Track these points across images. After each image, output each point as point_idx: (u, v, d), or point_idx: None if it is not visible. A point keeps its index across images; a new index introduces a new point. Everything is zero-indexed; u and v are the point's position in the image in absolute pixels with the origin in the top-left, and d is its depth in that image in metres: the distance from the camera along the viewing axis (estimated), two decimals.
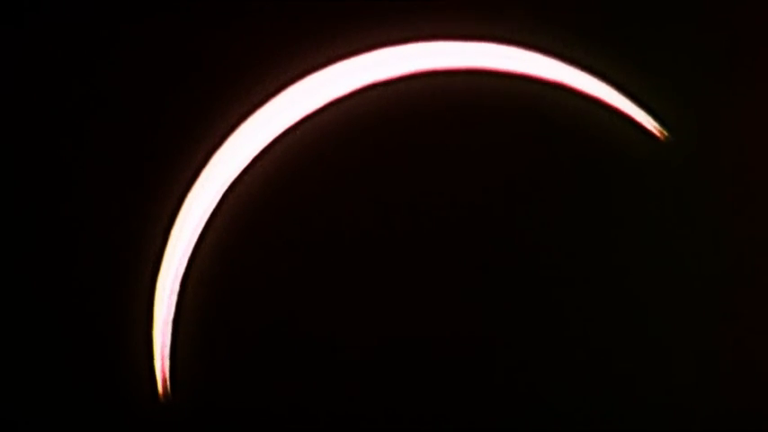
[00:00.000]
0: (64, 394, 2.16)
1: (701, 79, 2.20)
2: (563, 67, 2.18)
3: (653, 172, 2.20)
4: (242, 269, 2.18)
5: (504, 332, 2.19)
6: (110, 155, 2.19)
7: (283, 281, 2.18)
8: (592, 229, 2.20)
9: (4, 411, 2.16)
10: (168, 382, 2.14)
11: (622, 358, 2.19)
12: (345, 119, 2.17)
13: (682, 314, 2.19)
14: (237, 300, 2.18)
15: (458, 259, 2.20)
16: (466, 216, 2.20)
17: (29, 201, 2.19)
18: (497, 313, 2.19)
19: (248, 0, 2.20)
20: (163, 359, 2.13)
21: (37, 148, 2.21)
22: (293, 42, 2.18)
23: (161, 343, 2.13)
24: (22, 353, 2.17)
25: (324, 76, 2.17)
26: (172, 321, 2.14)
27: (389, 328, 2.18)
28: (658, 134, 2.18)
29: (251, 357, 2.18)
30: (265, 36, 2.19)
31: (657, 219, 2.20)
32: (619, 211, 2.20)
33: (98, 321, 2.16)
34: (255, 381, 2.17)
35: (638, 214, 2.20)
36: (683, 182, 2.20)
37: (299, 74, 2.17)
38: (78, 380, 2.16)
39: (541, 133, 2.20)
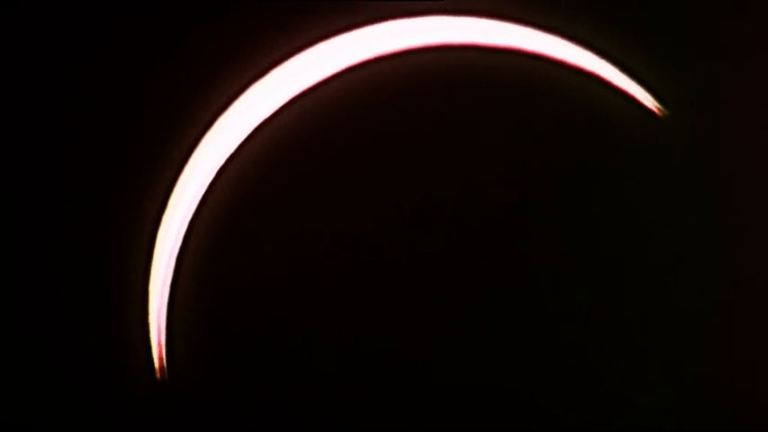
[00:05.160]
0: (60, 374, 2.16)
1: (699, 56, 2.19)
2: (561, 43, 2.16)
3: (651, 149, 2.19)
4: (238, 250, 2.18)
5: (502, 325, 2.19)
6: (100, 143, 2.18)
7: (279, 265, 2.18)
8: (588, 207, 2.20)
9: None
10: (165, 362, 2.13)
11: (622, 344, 2.20)
12: (336, 100, 2.17)
13: (680, 294, 2.19)
14: (234, 279, 2.18)
15: (455, 248, 2.19)
16: (460, 196, 2.20)
17: (23, 186, 2.19)
18: (496, 304, 2.19)
19: None
20: (159, 338, 2.13)
21: (23, 140, 2.20)
22: (279, 22, 2.16)
23: (157, 322, 2.13)
24: (18, 336, 2.17)
25: (310, 55, 2.15)
26: (168, 301, 2.14)
27: (383, 321, 2.19)
28: (657, 111, 2.18)
29: (247, 338, 2.18)
30: (247, 19, 2.17)
31: (655, 196, 2.20)
32: (617, 188, 2.20)
33: (94, 302, 2.16)
34: (252, 360, 2.17)
35: (637, 192, 2.20)
36: (681, 159, 2.20)
37: (286, 54, 2.15)
38: (75, 361, 2.16)
39: (539, 110, 2.19)
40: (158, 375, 2.14)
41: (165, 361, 2.14)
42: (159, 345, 2.13)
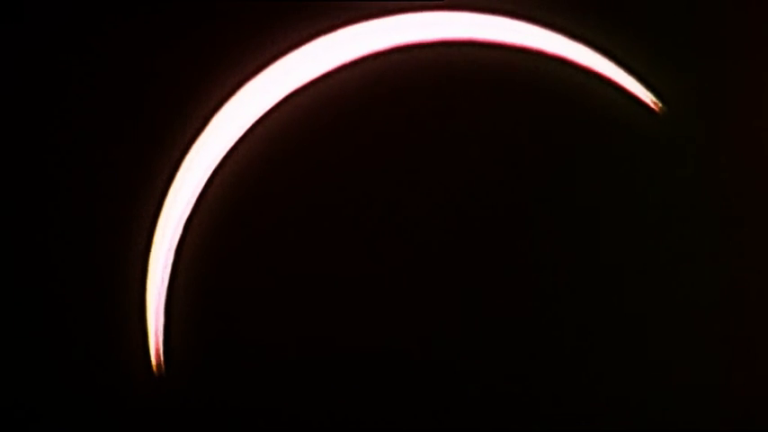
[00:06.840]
0: (57, 371, 2.17)
1: (699, 53, 2.18)
2: (559, 39, 2.16)
3: (650, 146, 2.18)
4: (234, 248, 2.18)
5: (500, 324, 2.19)
6: (96, 142, 2.19)
7: (276, 263, 2.18)
8: (587, 204, 2.19)
9: None
10: (162, 357, 2.14)
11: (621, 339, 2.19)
12: (332, 98, 2.17)
13: (679, 292, 2.18)
14: (231, 277, 2.18)
15: (453, 246, 2.19)
16: (457, 193, 2.19)
17: (19, 186, 2.20)
18: (495, 303, 2.19)
19: None
20: (156, 335, 2.13)
21: (20, 139, 2.21)
22: (275, 20, 2.17)
23: (155, 319, 2.13)
24: (15, 335, 2.18)
25: (305, 53, 2.15)
26: (165, 298, 2.14)
27: (382, 319, 2.18)
28: (656, 108, 2.17)
29: (244, 335, 2.18)
30: (245, 16, 2.17)
31: (654, 193, 2.19)
32: (615, 185, 2.19)
33: (91, 299, 2.16)
34: (248, 358, 2.18)
35: (634, 187, 2.19)
36: (679, 155, 2.19)
37: (280, 52, 2.15)
38: (72, 357, 2.17)
39: (537, 106, 2.18)
40: (155, 372, 2.14)
41: (162, 358, 2.14)
42: (156, 342, 2.14)
